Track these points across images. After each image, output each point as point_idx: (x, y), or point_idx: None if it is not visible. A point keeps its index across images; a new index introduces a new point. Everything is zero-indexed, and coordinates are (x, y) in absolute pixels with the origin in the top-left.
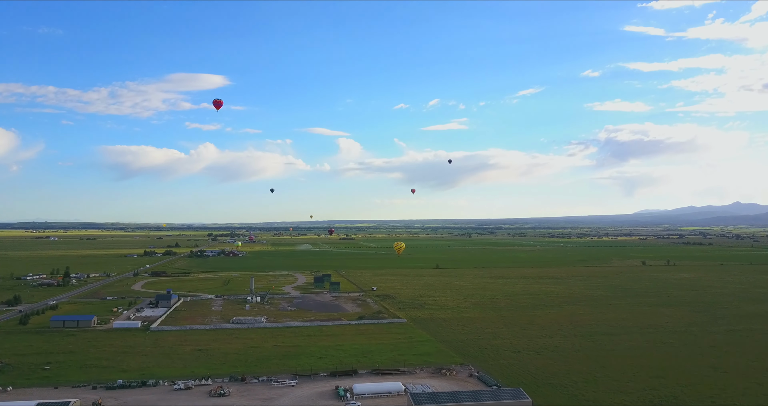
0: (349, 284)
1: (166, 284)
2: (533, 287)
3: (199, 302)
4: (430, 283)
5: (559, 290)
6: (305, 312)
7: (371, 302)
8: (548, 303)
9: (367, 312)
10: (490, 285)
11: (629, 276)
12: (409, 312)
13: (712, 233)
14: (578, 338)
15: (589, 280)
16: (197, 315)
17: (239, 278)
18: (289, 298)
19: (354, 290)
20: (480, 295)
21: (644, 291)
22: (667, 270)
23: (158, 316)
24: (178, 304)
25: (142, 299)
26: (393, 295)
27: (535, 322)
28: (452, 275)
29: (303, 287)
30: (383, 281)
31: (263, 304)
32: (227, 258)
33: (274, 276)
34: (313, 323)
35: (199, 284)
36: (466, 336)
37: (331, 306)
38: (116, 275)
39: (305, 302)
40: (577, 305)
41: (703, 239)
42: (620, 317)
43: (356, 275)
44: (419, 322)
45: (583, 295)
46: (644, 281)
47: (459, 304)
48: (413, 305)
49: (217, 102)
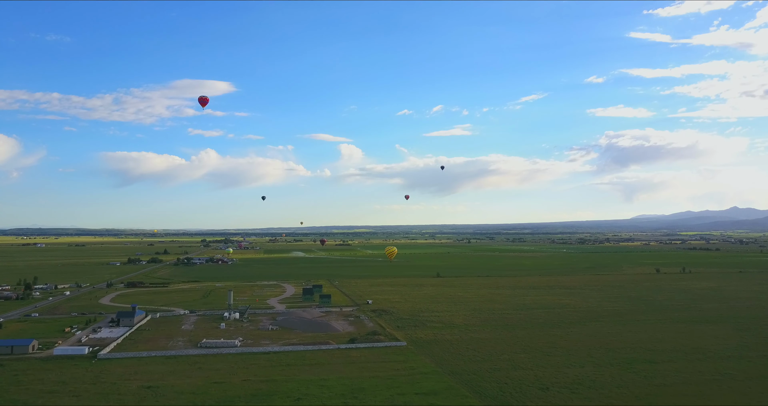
0: (341, 295)
1: (139, 296)
2: (545, 298)
3: (169, 319)
4: (431, 295)
5: (575, 303)
6: (288, 332)
7: (365, 319)
8: (567, 319)
9: (360, 332)
10: (498, 297)
11: (647, 285)
12: (409, 332)
13: (712, 237)
14: (615, 367)
15: (605, 290)
16: (162, 336)
17: (222, 288)
18: (272, 313)
19: (346, 304)
20: (488, 309)
21: (670, 304)
22: (685, 278)
23: (115, 338)
24: (143, 322)
25: (105, 316)
26: (390, 309)
27: (558, 345)
28: (455, 284)
29: (290, 299)
30: (380, 292)
31: (242, 321)
32: (215, 266)
33: (260, 287)
34: (295, 347)
35: (176, 297)
36: (478, 365)
37: (318, 324)
38: (89, 285)
39: (289, 320)
40: (600, 322)
41: (709, 245)
42: (655, 338)
43: (350, 286)
44: (421, 345)
45: (603, 309)
46: (665, 292)
47: (466, 321)
48: (414, 322)
49: (202, 99)
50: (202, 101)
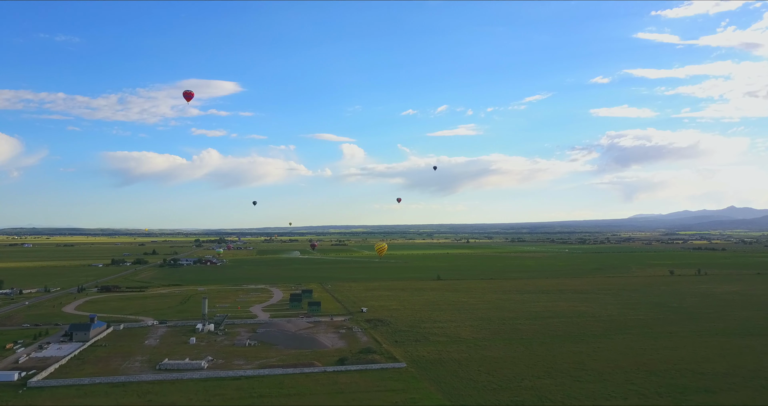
0: (333, 302)
1: (110, 302)
2: (559, 305)
3: (133, 331)
4: (432, 300)
5: (593, 310)
6: (268, 349)
7: (358, 332)
8: (588, 330)
9: (351, 349)
10: (506, 303)
11: (664, 289)
12: (409, 348)
13: (711, 237)
14: (666, 398)
15: (621, 295)
16: (118, 354)
17: (205, 293)
18: (252, 324)
19: (338, 312)
20: (497, 318)
21: (699, 311)
22: (702, 281)
23: (61, 357)
24: (102, 335)
25: (61, 328)
26: (387, 319)
27: (587, 365)
28: (457, 288)
29: (276, 306)
30: (375, 297)
31: (216, 334)
32: (202, 268)
33: (245, 291)
34: (273, 370)
35: (150, 303)
36: (496, 395)
37: (303, 339)
38: (59, 290)
39: (271, 332)
40: (627, 334)
41: (714, 245)
42: (699, 356)
43: (344, 290)
44: (424, 366)
45: (626, 317)
46: (688, 297)
47: (474, 333)
48: (414, 335)
49: (187, 93)
50: (186, 96)
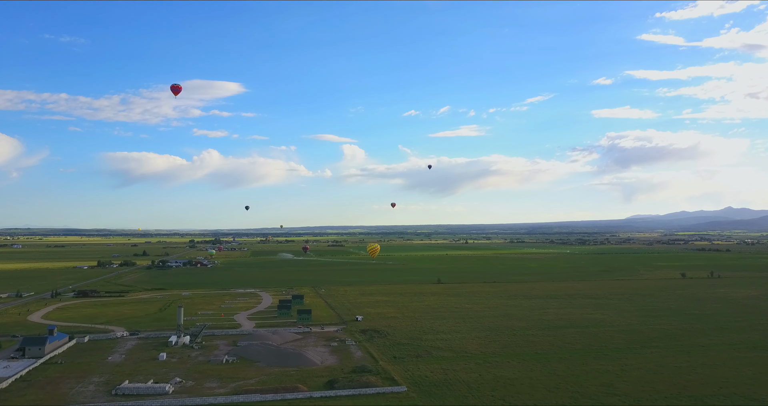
0: (325, 308)
1: (82, 309)
2: (571, 312)
3: (98, 344)
4: (433, 307)
5: (609, 318)
6: (247, 366)
7: (352, 345)
8: (609, 343)
9: (343, 367)
10: (514, 310)
11: (680, 294)
12: (410, 366)
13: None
14: None
15: (636, 300)
16: (73, 375)
17: (189, 298)
18: (234, 336)
19: (330, 321)
20: (506, 328)
21: (726, 320)
22: (718, 284)
23: (5, 378)
24: (61, 350)
25: (20, 340)
26: (384, 329)
27: (617, 387)
28: (459, 293)
29: (263, 314)
30: (372, 303)
31: (191, 347)
32: (192, 270)
33: (232, 296)
34: (249, 397)
35: (127, 310)
36: None
37: (289, 354)
38: (33, 294)
39: (252, 347)
40: (655, 348)
41: (718, 246)
42: (746, 376)
43: (338, 295)
44: (428, 390)
45: (649, 327)
46: (708, 302)
47: (482, 346)
48: (414, 348)
49: (174, 87)
50: (174, 90)
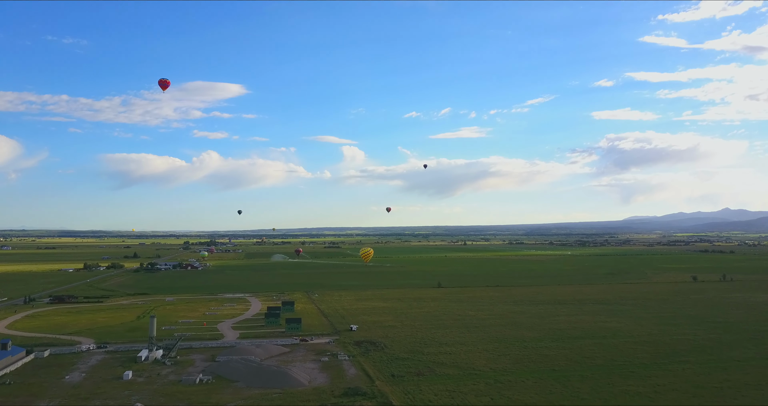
0: (318, 316)
1: (52, 317)
2: (584, 319)
3: (59, 359)
4: (434, 314)
5: (627, 327)
6: (224, 387)
7: (345, 361)
8: (633, 357)
9: (334, 388)
10: (521, 318)
11: (696, 299)
12: (410, 386)
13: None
14: None
15: (651, 306)
16: (19, 400)
17: (172, 304)
18: (213, 349)
19: (323, 330)
20: (515, 339)
21: (754, 329)
22: (733, 289)
23: None
24: (13, 367)
25: None
26: (381, 341)
27: None
28: (462, 298)
29: (250, 322)
30: (368, 310)
31: (164, 364)
32: (181, 273)
33: (219, 302)
34: None
35: (102, 318)
36: None
37: (272, 373)
38: (6, 300)
39: (232, 363)
40: (685, 363)
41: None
42: None
43: (332, 300)
44: None
45: (671, 337)
46: (729, 308)
47: (491, 362)
48: (415, 364)
49: (162, 82)
50: (162, 85)
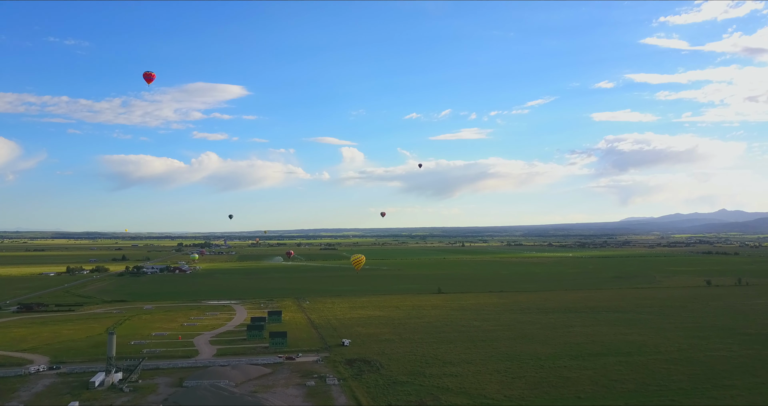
0: (307, 328)
1: (13, 329)
2: (601, 331)
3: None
4: (436, 325)
5: (652, 340)
6: None
7: (334, 385)
8: (669, 381)
9: None
10: (532, 329)
11: (716, 306)
12: None
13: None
14: None
15: (669, 314)
16: None
17: (150, 312)
18: (182, 370)
19: (311, 345)
20: (529, 356)
21: None
22: (754, 294)
23: None
24: None
25: None
26: (377, 359)
27: None
28: (464, 306)
29: (231, 335)
30: (363, 320)
31: (121, 390)
32: (168, 277)
33: (201, 310)
34: None
35: (67, 330)
36: None
37: (246, 402)
38: None
39: (199, 392)
40: (733, 389)
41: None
42: None
43: (324, 308)
44: None
45: (704, 353)
46: (754, 316)
47: (504, 387)
48: (416, 389)
49: (147, 74)
50: (147, 78)
